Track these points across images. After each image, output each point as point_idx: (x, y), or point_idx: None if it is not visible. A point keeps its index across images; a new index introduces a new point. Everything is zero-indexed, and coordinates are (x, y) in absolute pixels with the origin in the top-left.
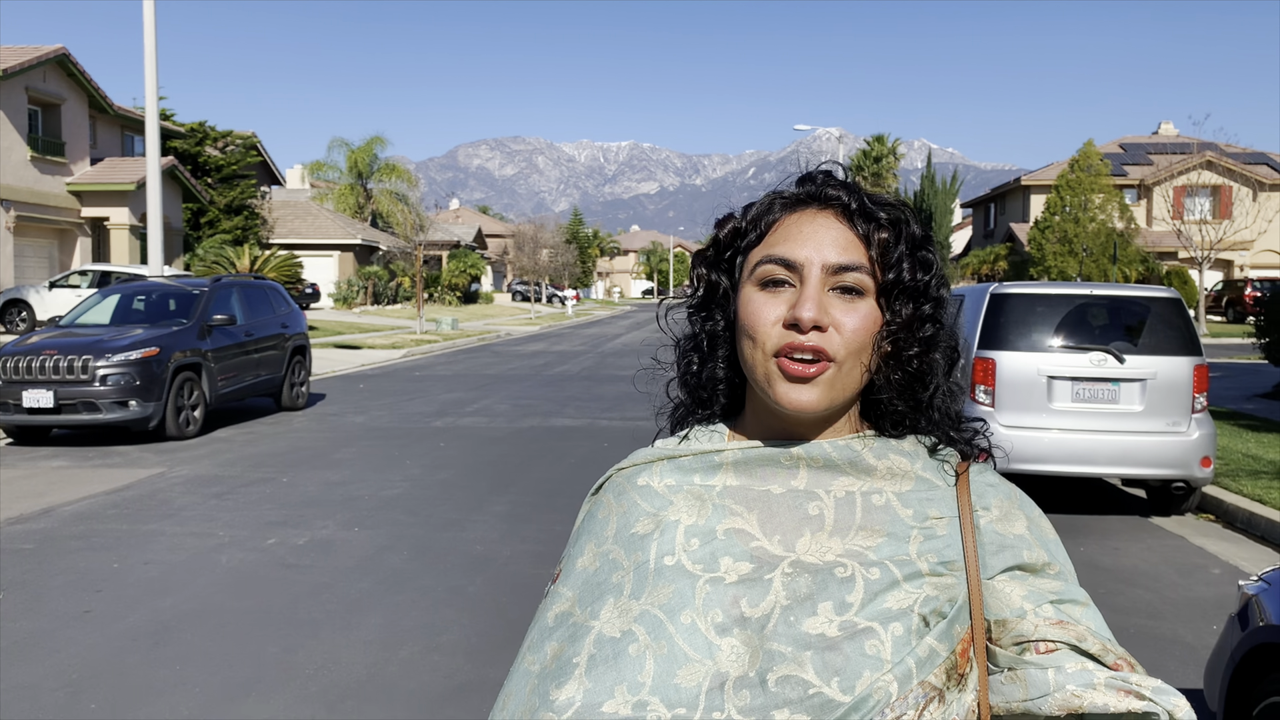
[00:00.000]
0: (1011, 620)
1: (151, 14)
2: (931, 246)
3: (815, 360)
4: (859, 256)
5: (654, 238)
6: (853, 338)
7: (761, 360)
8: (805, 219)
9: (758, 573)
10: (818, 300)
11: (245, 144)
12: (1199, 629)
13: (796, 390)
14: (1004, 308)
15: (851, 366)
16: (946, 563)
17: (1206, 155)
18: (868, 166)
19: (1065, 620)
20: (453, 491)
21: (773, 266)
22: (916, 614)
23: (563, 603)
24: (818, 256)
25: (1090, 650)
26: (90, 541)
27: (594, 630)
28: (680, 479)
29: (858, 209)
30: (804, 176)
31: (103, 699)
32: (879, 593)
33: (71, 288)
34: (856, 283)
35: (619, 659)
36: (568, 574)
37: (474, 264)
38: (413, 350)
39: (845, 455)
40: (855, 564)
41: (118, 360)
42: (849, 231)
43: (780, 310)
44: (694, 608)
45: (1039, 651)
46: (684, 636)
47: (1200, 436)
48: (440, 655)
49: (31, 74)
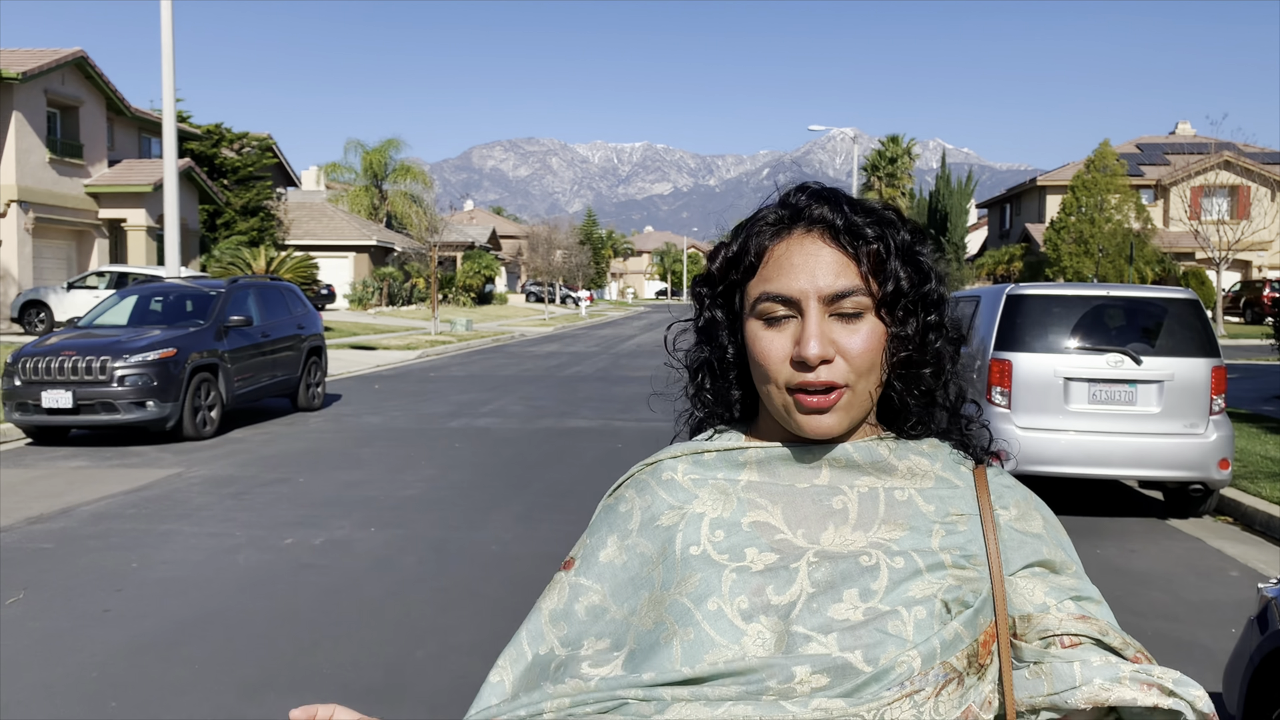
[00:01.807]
0: (1036, 615)
1: (169, 17)
2: (923, 248)
3: (829, 390)
4: (853, 278)
5: (668, 238)
6: (860, 360)
7: (777, 394)
8: (794, 246)
9: (783, 562)
10: (820, 335)
11: (261, 146)
12: (1217, 632)
13: (816, 420)
14: (1020, 309)
15: (864, 385)
16: (969, 556)
17: (1224, 155)
18: (882, 167)
19: (1087, 615)
20: (468, 492)
21: (772, 304)
22: (939, 600)
23: (593, 595)
24: (812, 288)
25: (1112, 644)
26: (109, 541)
27: (632, 627)
28: (704, 474)
29: (844, 226)
30: (783, 198)
31: (122, 698)
32: (903, 580)
33: (89, 289)
34: (855, 306)
35: (652, 647)
36: (589, 565)
37: (488, 265)
38: (427, 351)
39: (867, 456)
40: (879, 553)
41: (135, 361)
42: (838, 253)
43: (787, 346)
44: (720, 595)
45: (1063, 645)
46: (710, 622)
47: (1218, 438)
48: (456, 656)
49: (50, 77)
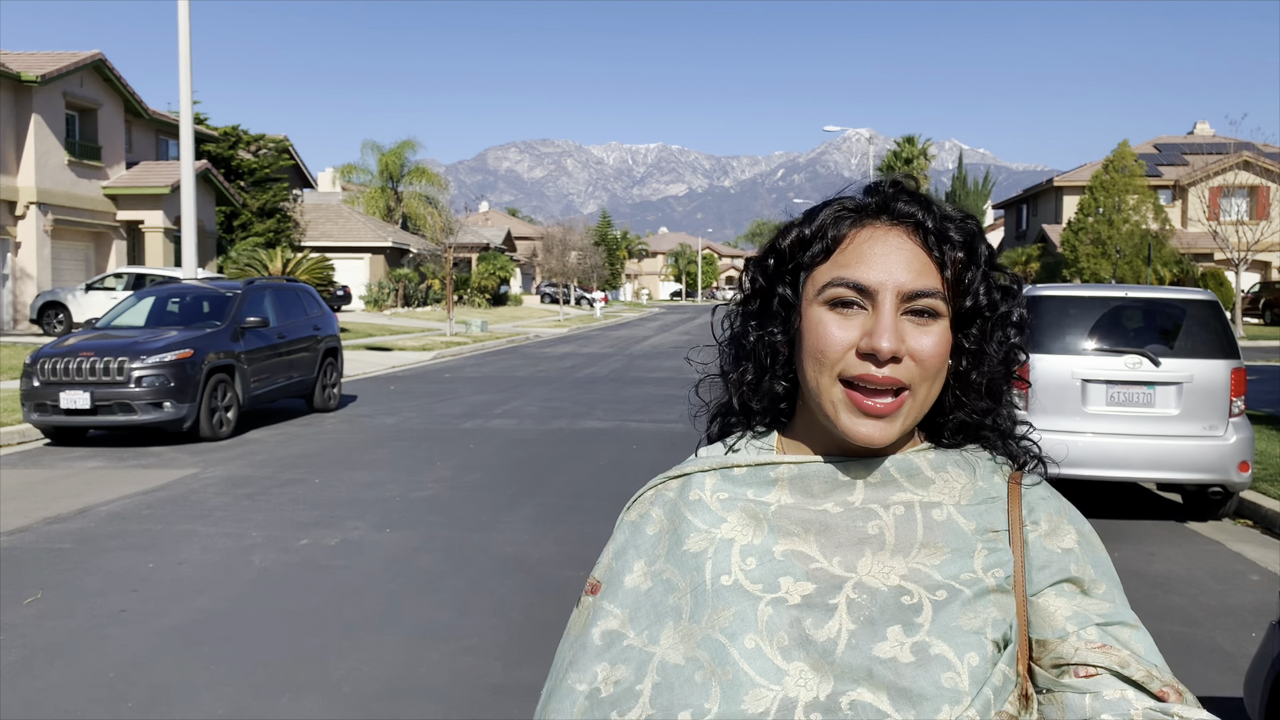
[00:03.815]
0: (1052, 641)
1: (186, 19)
2: (1002, 266)
3: (894, 394)
4: (934, 281)
5: (682, 239)
6: (929, 363)
7: (828, 386)
8: (877, 237)
9: (821, 595)
10: (895, 329)
11: (277, 147)
12: (1237, 636)
13: (867, 425)
14: (1037, 310)
15: (926, 393)
16: (1010, 577)
17: (1243, 155)
18: (898, 168)
19: (1109, 644)
20: (483, 493)
21: (844, 289)
22: (989, 640)
23: (611, 620)
24: (891, 281)
25: (1133, 677)
26: (126, 541)
27: (655, 657)
28: (733, 492)
29: (933, 228)
30: (870, 186)
31: (139, 698)
32: (947, 612)
33: (107, 290)
34: (930, 307)
35: (685, 686)
36: (614, 590)
37: (503, 266)
38: (443, 352)
39: (903, 469)
40: (920, 589)
41: (153, 362)
42: (922, 252)
43: (853, 335)
44: (757, 631)
45: (1078, 675)
46: (749, 661)
47: (1238, 441)
48: (471, 657)
49: (69, 79)
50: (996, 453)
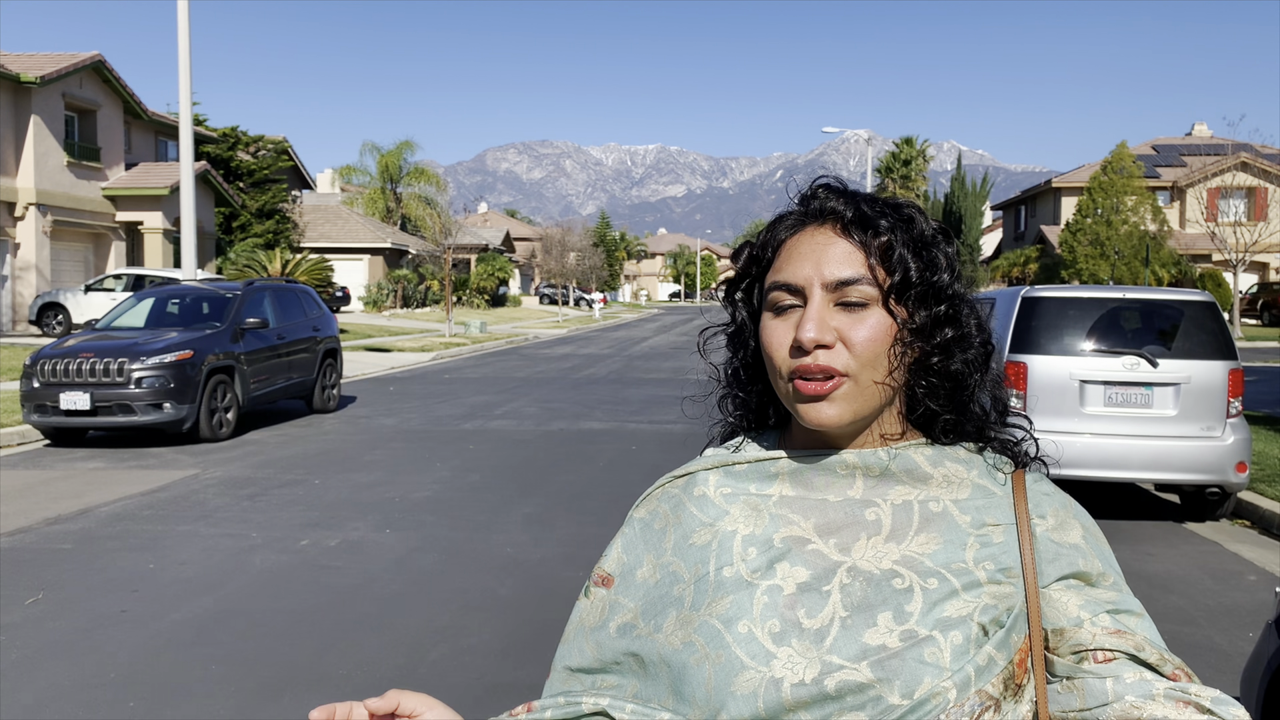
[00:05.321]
0: (1069, 629)
1: (185, 21)
2: (943, 244)
3: (827, 378)
4: (858, 267)
5: (681, 240)
6: (863, 349)
7: (782, 385)
8: (805, 238)
9: (815, 582)
10: (817, 320)
11: (276, 148)
12: (1234, 636)
13: (815, 409)
14: (1036, 311)
15: (868, 377)
16: (1004, 569)
17: (1241, 156)
18: (896, 169)
19: (1123, 630)
20: (482, 494)
21: (779, 293)
22: (975, 623)
23: (625, 614)
24: (815, 275)
25: (1148, 660)
26: (126, 542)
27: (657, 643)
28: (736, 487)
29: (853, 218)
30: (804, 195)
31: (140, 698)
32: (938, 601)
33: (106, 291)
34: (861, 295)
35: (683, 671)
36: (627, 584)
37: (502, 267)
38: (442, 353)
39: (902, 464)
40: (912, 574)
41: (152, 363)
42: (847, 243)
43: (790, 333)
44: (751, 617)
45: (1097, 661)
46: (741, 645)
47: (1235, 441)
48: (471, 657)
49: (68, 80)
50: (995, 451)
